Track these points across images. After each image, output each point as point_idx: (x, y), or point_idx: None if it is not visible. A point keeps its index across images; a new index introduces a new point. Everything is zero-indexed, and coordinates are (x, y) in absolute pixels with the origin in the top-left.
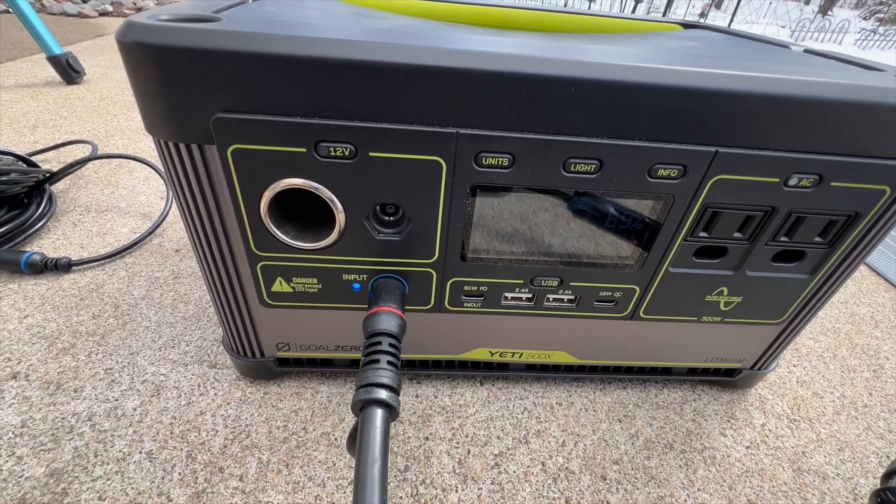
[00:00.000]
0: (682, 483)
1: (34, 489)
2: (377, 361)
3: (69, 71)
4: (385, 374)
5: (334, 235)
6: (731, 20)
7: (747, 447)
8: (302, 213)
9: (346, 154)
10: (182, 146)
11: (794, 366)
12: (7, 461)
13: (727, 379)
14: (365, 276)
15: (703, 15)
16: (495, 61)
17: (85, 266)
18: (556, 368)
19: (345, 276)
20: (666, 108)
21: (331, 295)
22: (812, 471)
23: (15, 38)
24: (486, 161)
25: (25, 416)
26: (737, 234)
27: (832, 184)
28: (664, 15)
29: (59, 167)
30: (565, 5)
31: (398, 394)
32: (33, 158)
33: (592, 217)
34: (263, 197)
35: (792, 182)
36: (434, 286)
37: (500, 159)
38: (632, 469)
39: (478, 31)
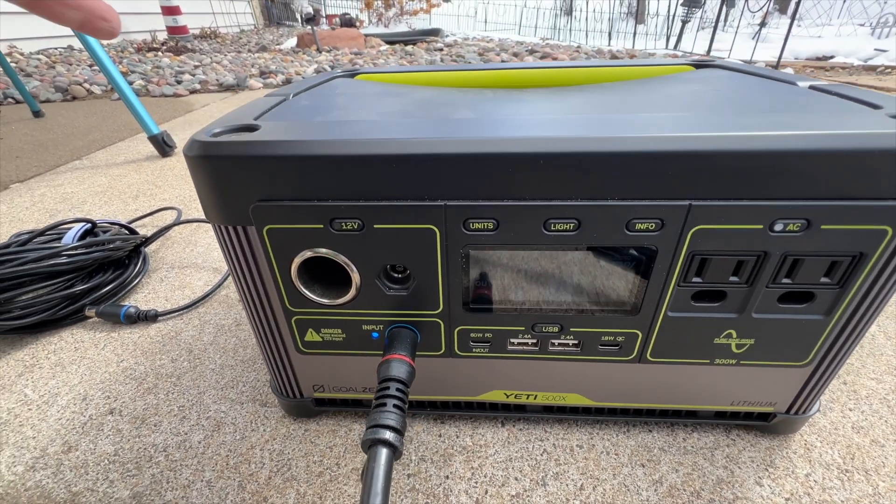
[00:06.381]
0: None
1: None
2: (384, 405)
3: (164, 146)
4: (390, 417)
5: (352, 292)
6: (790, 26)
7: (787, 499)
8: (326, 275)
9: (356, 227)
10: (230, 227)
11: (851, 409)
12: (102, 484)
13: (762, 423)
14: (381, 326)
15: (763, 24)
16: (469, 146)
17: (168, 316)
18: (574, 410)
19: (364, 327)
20: (635, 170)
21: (354, 343)
22: None
23: (126, 121)
24: (473, 226)
25: (118, 447)
26: (733, 278)
27: (823, 227)
28: (711, 41)
29: (153, 232)
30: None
31: (402, 434)
32: (133, 225)
33: (583, 267)
34: (293, 264)
35: (777, 227)
36: (443, 334)
37: (486, 224)
38: None
39: (486, 95)
